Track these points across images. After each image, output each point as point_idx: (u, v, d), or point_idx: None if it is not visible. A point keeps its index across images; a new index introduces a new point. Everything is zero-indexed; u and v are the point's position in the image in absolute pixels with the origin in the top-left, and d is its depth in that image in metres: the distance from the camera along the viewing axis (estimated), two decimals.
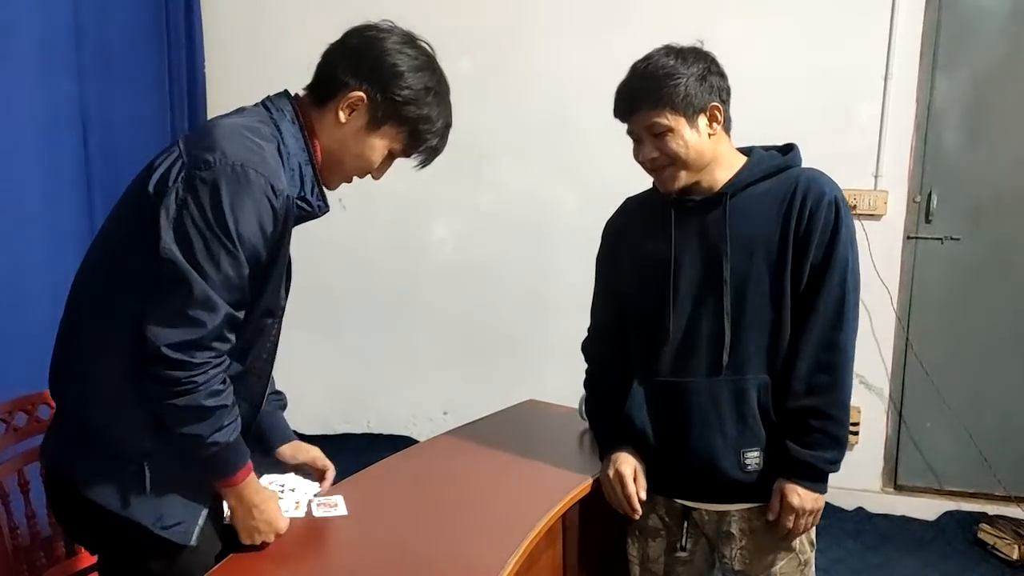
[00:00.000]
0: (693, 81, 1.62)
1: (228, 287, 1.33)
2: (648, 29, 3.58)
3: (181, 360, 1.31)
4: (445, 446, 2.05)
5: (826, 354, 1.66)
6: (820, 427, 1.66)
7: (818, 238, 1.64)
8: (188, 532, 1.45)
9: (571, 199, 3.77)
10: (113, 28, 3.42)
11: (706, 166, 1.68)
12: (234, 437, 1.41)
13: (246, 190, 1.32)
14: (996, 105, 3.37)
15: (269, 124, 1.44)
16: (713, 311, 1.69)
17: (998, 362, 3.45)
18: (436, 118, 1.49)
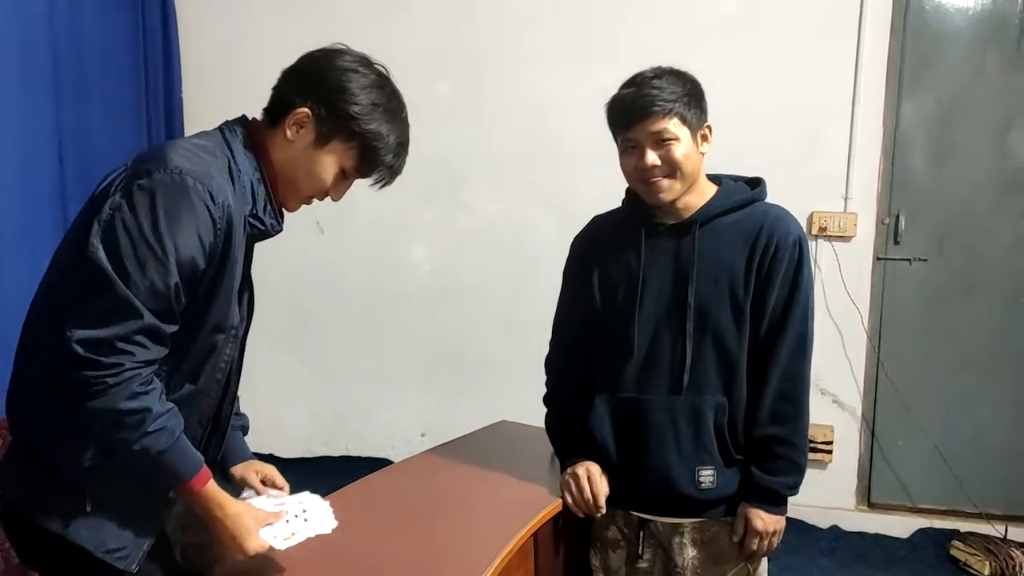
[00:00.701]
0: (694, 99, 1.72)
1: (153, 295, 1.29)
2: (622, 56, 3.63)
3: (90, 359, 1.27)
4: (419, 466, 2.07)
5: (789, 385, 1.76)
6: (784, 454, 1.76)
7: (782, 275, 1.73)
8: (130, 558, 1.43)
9: (547, 222, 3.80)
10: (90, 53, 3.44)
11: (693, 183, 1.75)
12: (168, 445, 1.35)
13: (182, 196, 1.30)
14: (960, 129, 3.44)
15: (222, 145, 1.45)
16: (676, 333, 1.76)
17: (967, 380, 3.51)
18: (387, 134, 1.47)
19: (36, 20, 3.14)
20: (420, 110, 3.87)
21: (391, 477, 2.02)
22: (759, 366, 1.76)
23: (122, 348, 1.28)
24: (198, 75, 4.02)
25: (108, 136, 3.54)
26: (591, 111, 3.68)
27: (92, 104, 3.47)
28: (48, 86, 3.20)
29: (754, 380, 1.76)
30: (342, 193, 1.52)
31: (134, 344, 1.29)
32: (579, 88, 3.70)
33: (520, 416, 2.54)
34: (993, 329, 3.48)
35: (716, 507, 1.80)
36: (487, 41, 3.79)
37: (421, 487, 1.94)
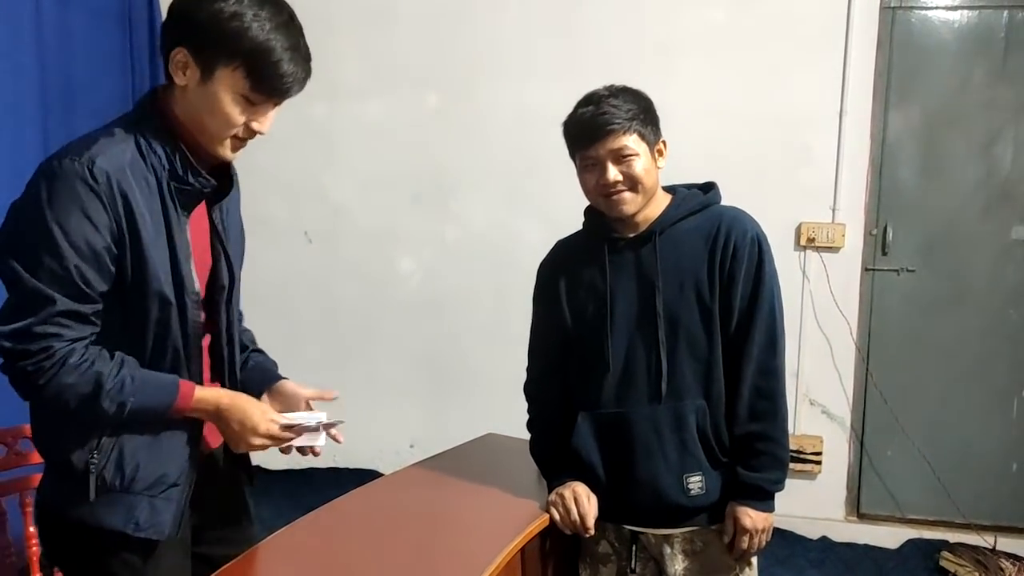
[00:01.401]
0: (650, 116, 1.78)
1: (56, 280, 1.32)
2: (610, 67, 3.65)
3: (20, 350, 1.32)
4: (407, 480, 2.05)
5: (764, 380, 1.77)
6: (765, 450, 1.78)
7: (744, 273, 1.76)
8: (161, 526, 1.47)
9: (536, 233, 3.78)
10: (77, 64, 3.41)
11: (653, 195, 1.79)
12: (134, 391, 1.39)
13: (61, 180, 1.32)
14: (947, 140, 3.46)
15: (131, 124, 1.43)
16: (649, 342, 1.78)
17: (955, 391, 3.52)
18: (266, 42, 1.37)
19: (23, 33, 3.11)
20: (409, 121, 3.95)
21: (378, 490, 2.00)
22: (733, 365, 1.78)
23: (45, 332, 1.32)
24: None
25: None
26: None
27: (79, 117, 3.43)
28: (35, 99, 3.17)
29: (730, 379, 1.78)
30: (265, 123, 1.46)
31: (56, 326, 1.33)
32: (568, 99, 3.64)
33: (509, 428, 2.52)
34: (981, 339, 3.49)
35: (706, 513, 1.80)
36: (476, 52, 3.79)
37: (409, 500, 1.93)
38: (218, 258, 1.55)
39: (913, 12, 3.43)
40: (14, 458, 1.89)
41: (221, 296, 1.56)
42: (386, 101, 3.80)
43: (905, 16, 3.43)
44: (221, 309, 1.57)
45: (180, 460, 1.50)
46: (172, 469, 1.49)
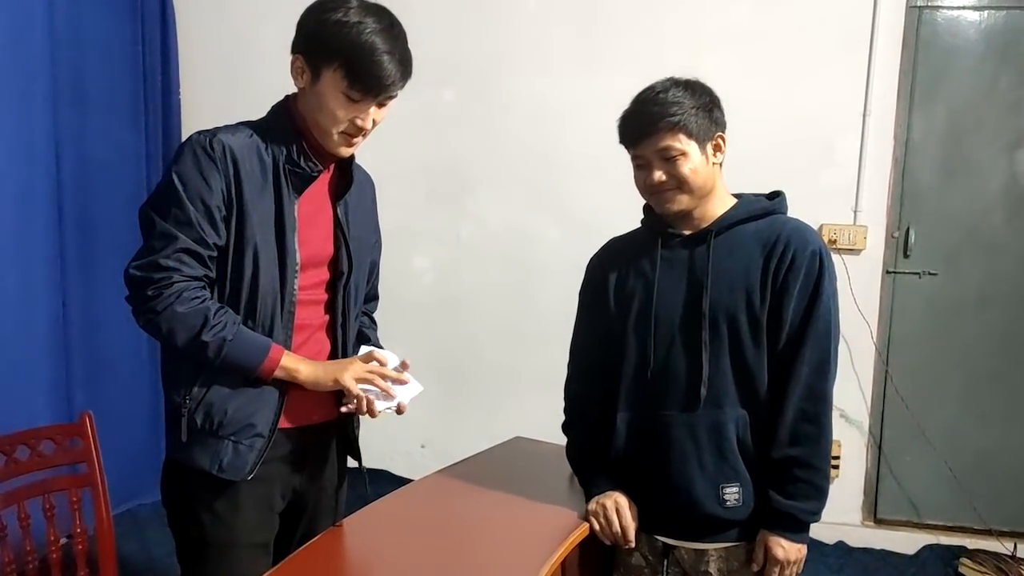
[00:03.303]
0: (703, 111, 1.70)
1: (180, 223, 1.55)
2: (630, 64, 3.62)
3: (143, 277, 1.54)
4: (436, 487, 1.99)
5: (811, 404, 1.68)
6: (804, 477, 1.68)
7: (800, 287, 1.68)
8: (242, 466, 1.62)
9: (552, 230, 3.76)
10: (88, 55, 3.38)
11: (707, 194, 1.73)
12: (231, 335, 1.57)
13: (187, 149, 1.58)
14: (971, 142, 3.42)
15: (260, 118, 1.69)
16: (691, 344, 1.72)
17: (976, 396, 3.48)
18: (364, 44, 1.55)
19: (34, 22, 3.07)
20: (425, 116, 3.91)
21: (408, 498, 1.94)
22: (779, 385, 1.69)
23: (167, 265, 1.54)
24: (196, 77, 3.95)
25: (105, 138, 3.48)
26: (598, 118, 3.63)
27: (89, 106, 3.40)
28: (45, 88, 3.13)
29: (774, 399, 1.70)
30: (366, 120, 1.63)
31: (176, 261, 1.54)
32: (586, 95, 3.66)
33: (523, 429, 2.48)
34: (1003, 344, 3.45)
35: (742, 526, 1.73)
36: (493, 47, 3.74)
37: (441, 509, 1.87)
38: (339, 247, 1.73)
39: (939, 12, 3.38)
40: (36, 460, 1.85)
41: (340, 281, 1.74)
42: (401, 96, 3.72)
43: (931, 16, 3.38)
44: (339, 293, 1.74)
45: (267, 414, 1.65)
46: (259, 421, 1.64)
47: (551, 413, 3.68)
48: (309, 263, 1.68)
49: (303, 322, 1.70)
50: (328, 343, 1.77)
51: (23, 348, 3.05)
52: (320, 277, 1.72)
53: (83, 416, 1.93)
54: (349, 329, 1.80)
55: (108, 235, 3.41)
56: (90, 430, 1.92)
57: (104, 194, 3.47)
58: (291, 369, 1.63)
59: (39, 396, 3.11)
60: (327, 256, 1.73)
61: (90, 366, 3.38)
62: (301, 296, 1.67)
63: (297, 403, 1.69)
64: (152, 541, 3.27)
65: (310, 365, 1.66)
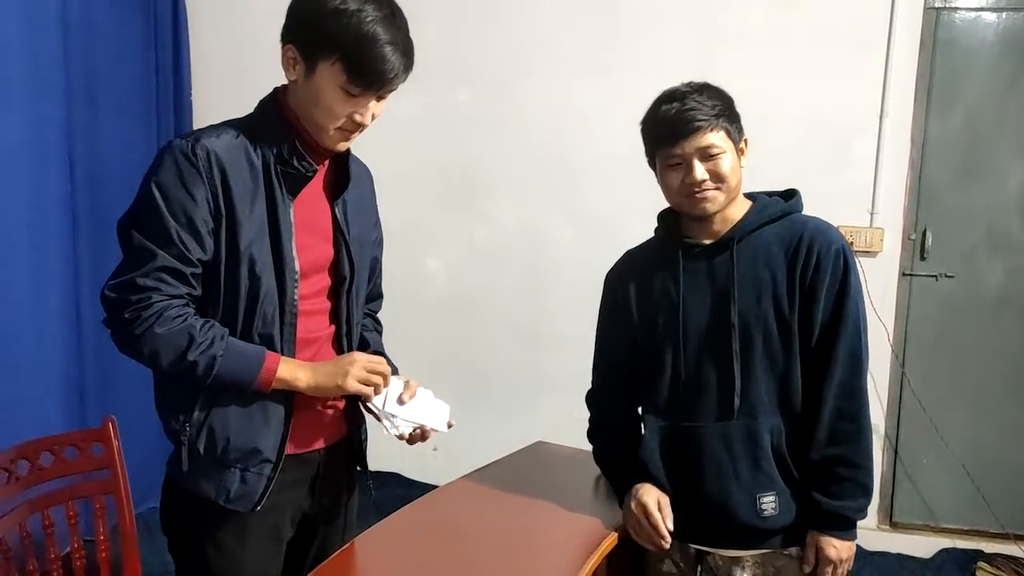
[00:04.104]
0: (733, 113, 1.71)
1: (158, 239, 1.43)
2: (645, 66, 3.60)
3: (120, 299, 1.43)
4: (462, 494, 1.97)
5: (847, 402, 1.67)
6: (849, 476, 1.66)
7: (827, 287, 1.67)
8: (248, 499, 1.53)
9: (566, 233, 3.74)
10: (100, 55, 3.36)
11: (735, 197, 1.72)
12: (221, 350, 1.45)
13: (167, 155, 1.46)
14: (989, 144, 3.40)
15: (245, 116, 1.57)
16: (722, 355, 1.70)
17: (994, 399, 3.47)
18: (364, 37, 1.44)
19: (47, 22, 3.06)
20: (438, 117, 3.88)
21: (430, 506, 1.91)
22: (813, 385, 1.68)
23: (145, 284, 1.43)
24: (208, 77, 3.93)
25: (117, 138, 3.46)
26: (613, 120, 3.64)
27: (102, 106, 3.38)
28: (58, 88, 3.12)
29: (809, 400, 1.69)
30: (365, 115, 1.52)
31: (156, 280, 1.43)
32: (602, 97, 3.64)
33: (537, 432, 2.46)
34: (1021, 346, 3.43)
35: (779, 535, 1.71)
36: (507, 48, 3.72)
37: (464, 518, 1.84)
38: (340, 250, 1.62)
39: (957, 13, 3.36)
40: (37, 474, 1.82)
41: (343, 287, 1.63)
42: (416, 97, 3.71)
43: (949, 17, 3.36)
44: (343, 300, 1.64)
45: (273, 436, 1.55)
46: (264, 445, 1.54)
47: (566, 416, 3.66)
48: (309, 270, 1.57)
49: (308, 335, 1.59)
50: (334, 354, 1.66)
51: (36, 348, 3.04)
52: (321, 284, 1.62)
53: (106, 422, 1.91)
54: (354, 337, 1.71)
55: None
56: (113, 436, 1.90)
57: (117, 194, 3.44)
58: (290, 380, 1.51)
59: (51, 396, 3.10)
60: (327, 261, 1.62)
61: (102, 366, 3.35)
62: (303, 307, 1.56)
63: (303, 427, 1.60)
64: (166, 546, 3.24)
65: (308, 371, 1.54)
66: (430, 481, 3.74)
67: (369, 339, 1.83)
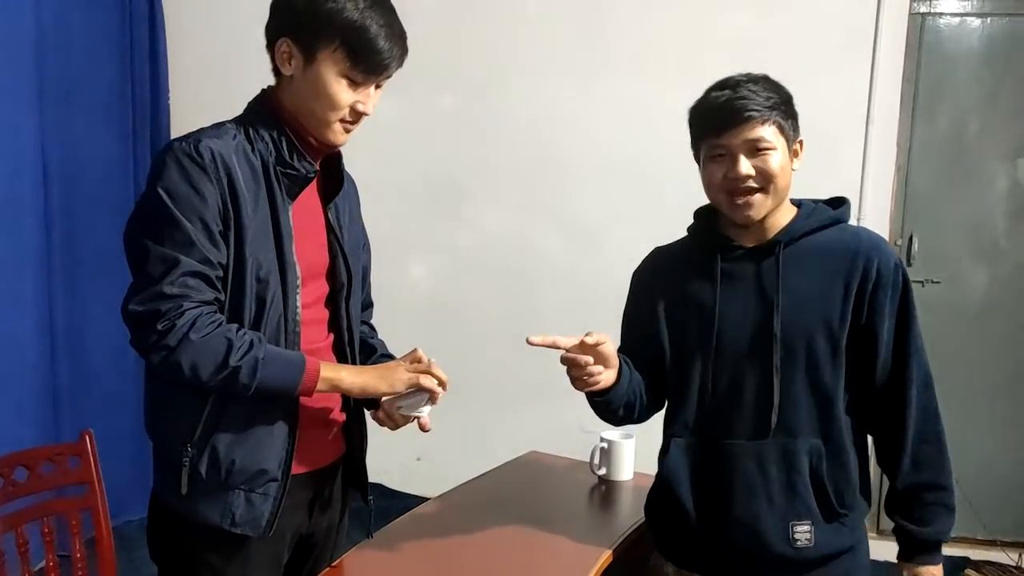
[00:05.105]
0: (791, 109, 1.57)
1: (179, 244, 1.37)
2: (629, 71, 3.58)
3: (151, 312, 1.34)
4: (454, 507, 1.91)
5: (928, 425, 1.57)
6: (936, 500, 1.57)
7: (890, 305, 1.55)
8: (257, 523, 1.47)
9: (552, 239, 3.70)
10: (75, 58, 3.29)
11: (782, 202, 1.57)
12: (262, 353, 1.39)
13: (169, 158, 1.40)
14: (974, 149, 3.41)
15: (236, 117, 1.51)
16: (760, 368, 1.56)
17: (980, 405, 3.46)
18: (363, 21, 1.43)
19: (21, 24, 2.98)
20: (422, 123, 3.82)
21: (426, 519, 1.85)
22: (890, 410, 1.56)
23: (173, 293, 1.35)
24: (186, 81, 3.85)
25: (92, 141, 3.39)
26: (599, 125, 3.63)
27: (76, 108, 3.31)
28: (31, 89, 3.04)
29: (887, 426, 1.57)
30: (368, 103, 1.50)
31: (183, 287, 1.36)
32: (587, 102, 3.61)
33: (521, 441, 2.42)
34: (1007, 353, 3.44)
35: (813, 569, 1.56)
36: (492, 52, 3.68)
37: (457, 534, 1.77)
38: (335, 256, 1.58)
39: (942, 18, 3.37)
40: (36, 481, 1.76)
41: (340, 294, 1.59)
42: (398, 102, 3.66)
43: (934, 23, 3.36)
44: (341, 307, 1.60)
45: (278, 455, 1.48)
46: (270, 465, 1.47)
47: (552, 424, 3.62)
48: (308, 276, 1.52)
49: (309, 346, 1.52)
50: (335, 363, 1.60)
51: (8, 357, 2.95)
52: (319, 292, 1.57)
53: (83, 435, 1.83)
54: (356, 345, 1.66)
55: (95, 239, 3.31)
56: (91, 450, 1.82)
57: (91, 198, 3.38)
58: (334, 379, 1.46)
59: (25, 407, 3.01)
60: (323, 267, 1.57)
61: (76, 376, 3.27)
62: (304, 315, 1.51)
63: (308, 446, 1.54)
64: (142, 560, 3.15)
65: (353, 372, 1.50)
66: (414, 492, 3.68)
67: (375, 344, 1.81)
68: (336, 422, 1.61)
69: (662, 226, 1.90)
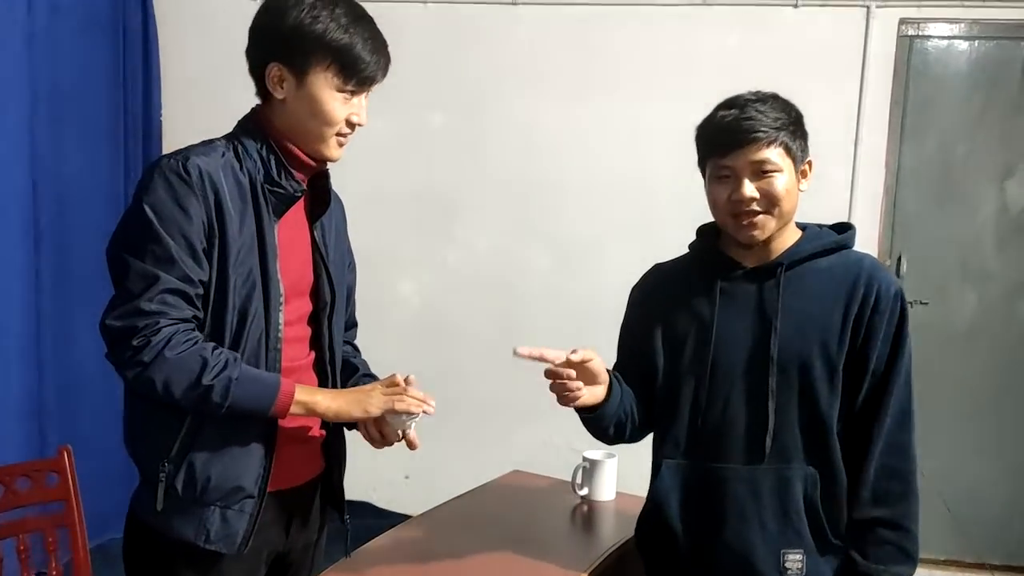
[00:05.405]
0: (800, 129, 1.55)
1: (159, 261, 1.38)
2: (621, 89, 3.60)
3: (127, 327, 1.36)
4: (434, 526, 1.90)
5: (895, 459, 1.52)
6: (892, 539, 1.51)
7: (884, 332, 1.51)
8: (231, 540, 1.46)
9: (542, 257, 3.70)
10: (66, 75, 3.29)
11: (787, 224, 1.55)
12: (236, 373, 1.39)
13: (157, 174, 1.41)
14: (962, 172, 3.43)
15: (226, 135, 1.53)
16: (756, 391, 1.53)
17: (969, 427, 3.46)
18: (349, 36, 1.46)
19: (11, 39, 2.99)
20: (412, 141, 3.84)
21: (405, 538, 1.84)
22: (858, 438, 1.52)
23: (151, 309, 1.36)
24: (178, 99, 3.86)
25: (83, 159, 3.39)
26: (589, 144, 3.64)
27: (67, 125, 3.31)
28: (21, 105, 3.04)
29: (853, 454, 1.52)
30: (362, 114, 1.53)
31: (161, 304, 1.37)
32: (577, 121, 3.63)
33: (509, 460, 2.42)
34: (996, 375, 3.44)
35: None
36: (483, 71, 3.70)
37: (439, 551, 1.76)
38: (320, 275, 1.59)
39: (930, 41, 3.39)
40: (38, 492, 1.77)
41: (323, 313, 1.59)
42: (389, 120, 3.67)
43: (921, 45, 3.39)
44: (324, 325, 1.60)
45: (255, 472, 1.48)
46: (246, 482, 1.47)
47: (540, 443, 3.61)
48: (291, 294, 1.52)
49: (290, 363, 1.52)
50: (316, 381, 1.61)
51: None
52: (303, 310, 1.57)
53: (62, 451, 1.82)
54: (337, 364, 1.66)
55: (84, 256, 3.30)
56: (68, 466, 1.81)
57: (81, 216, 3.37)
58: (308, 403, 1.46)
59: (10, 419, 3.00)
60: (307, 285, 1.58)
61: (64, 389, 3.26)
62: (286, 333, 1.51)
63: (285, 463, 1.53)
64: None
65: (328, 396, 1.50)
66: (403, 511, 3.65)
67: (357, 364, 1.80)
68: (315, 440, 1.61)
69: (653, 244, 1.90)
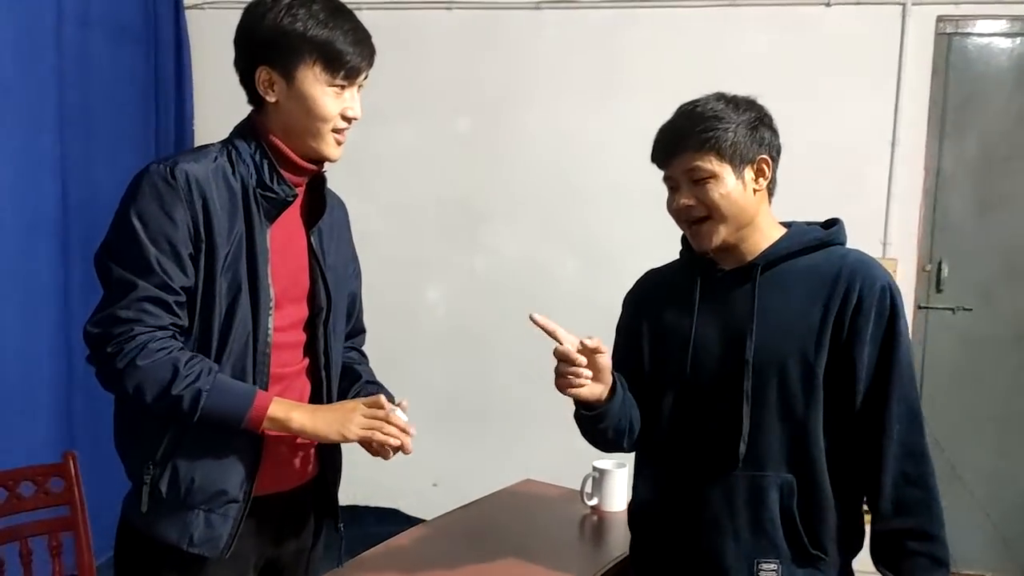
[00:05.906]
0: (743, 128, 1.48)
1: (138, 268, 1.38)
2: (647, 93, 3.53)
3: (103, 333, 1.37)
4: (441, 534, 1.88)
5: (911, 465, 1.44)
6: (923, 550, 1.43)
7: (871, 331, 1.44)
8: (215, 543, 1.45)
9: (569, 264, 3.66)
10: (98, 83, 3.34)
11: (748, 224, 1.50)
12: (208, 385, 1.39)
13: (144, 180, 1.41)
14: (1005, 173, 3.30)
15: (221, 140, 1.53)
16: (731, 395, 1.48)
17: (1014, 437, 3.33)
18: (330, 31, 1.46)
19: (44, 48, 3.04)
20: (439, 146, 3.82)
21: (409, 545, 1.82)
22: (868, 446, 1.45)
23: (127, 317, 1.37)
24: (211, 109, 3.89)
25: (113, 167, 3.41)
26: (618, 148, 3.58)
27: (98, 134, 3.36)
28: (53, 115, 3.09)
29: (865, 465, 1.46)
30: (355, 106, 1.53)
31: (137, 311, 1.37)
32: (605, 124, 3.58)
33: (537, 467, 2.38)
34: None
35: None
36: (508, 77, 3.67)
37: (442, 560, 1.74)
38: (316, 280, 1.58)
39: (969, 39, 3.27)
40: (43, 497, 1.77)
41: (319, 318, 1.58)
42: (416, 126, 3.67)
43: (961, 43, 3.27)
44: (319, 332, 1.58)
45: (239, 476, 1.47)
46: (231, 486, 1.46)
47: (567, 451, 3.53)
48: (284, 298, 1.51)
49: (279, 370, 1.51)
50: (309, 387, 1.59)
51: (25, 378, 2.99)
52: (297, 315, 1.56)
53: (67, 456, 1.83)
54: (333, 371, 1.63)
55: None
56: (73, 471, 1.82)
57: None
58: (283, 419, 1.43)
59: (40, 428, 3.04)
60: (303, 290, 1.57)
61: (92, 398, 3.29)
62: (277, 338, 1.49)
63: (273, 467, 1.51)
64: None
65: (306, 413, 1.46)
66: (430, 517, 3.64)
67: (361, 371, 1.77)
68: (306, 444, 1.57)
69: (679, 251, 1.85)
